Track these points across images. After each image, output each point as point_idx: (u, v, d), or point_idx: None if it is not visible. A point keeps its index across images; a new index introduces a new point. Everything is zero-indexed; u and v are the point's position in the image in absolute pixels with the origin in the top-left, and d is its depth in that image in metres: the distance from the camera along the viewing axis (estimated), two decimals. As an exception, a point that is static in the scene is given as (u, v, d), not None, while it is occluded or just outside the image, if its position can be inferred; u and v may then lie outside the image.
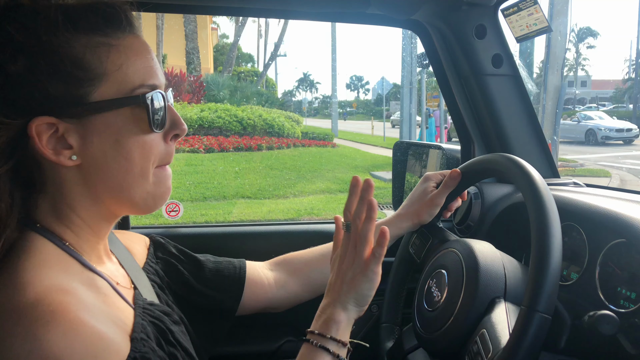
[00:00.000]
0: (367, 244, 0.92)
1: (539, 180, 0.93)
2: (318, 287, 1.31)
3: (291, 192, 10.27)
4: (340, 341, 0.90)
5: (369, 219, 0.93)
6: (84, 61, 0.78)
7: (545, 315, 0.79)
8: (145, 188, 0.86)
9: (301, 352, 0.91)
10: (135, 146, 0.83)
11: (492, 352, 0.85)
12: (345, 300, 0.92)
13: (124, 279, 0.95)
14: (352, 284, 0.92)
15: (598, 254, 1.04)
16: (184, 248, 1.24)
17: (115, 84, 0.80)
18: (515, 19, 1.41)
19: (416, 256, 1.29)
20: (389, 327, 1.33)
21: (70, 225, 0.84)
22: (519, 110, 1.58)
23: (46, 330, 0.65)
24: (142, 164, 0.84)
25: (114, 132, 0.81)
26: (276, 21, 57.46)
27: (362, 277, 0.92)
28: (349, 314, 0.92)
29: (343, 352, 0.91)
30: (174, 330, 0.90)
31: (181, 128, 0.90)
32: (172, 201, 1.78)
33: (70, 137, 0.80)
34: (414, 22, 1.62)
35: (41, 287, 0.70)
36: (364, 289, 0.92)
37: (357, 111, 71.29)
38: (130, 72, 0.82)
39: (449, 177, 1.24)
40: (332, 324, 0.91)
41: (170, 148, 0.90)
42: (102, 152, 0.81)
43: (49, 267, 0.75)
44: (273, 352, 1.67)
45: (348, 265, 0.94)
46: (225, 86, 22.38)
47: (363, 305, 0.94)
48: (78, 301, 0.71)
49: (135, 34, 0.85)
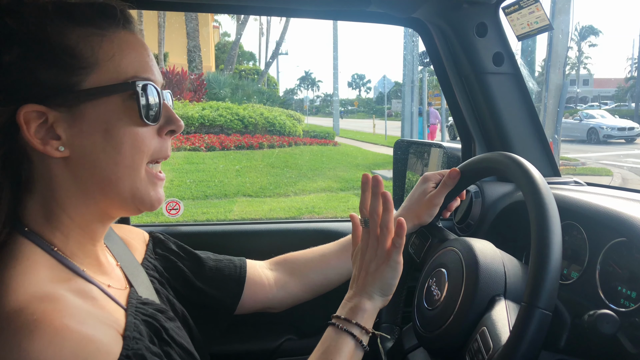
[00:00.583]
0: (389, 234, 0.98)
1: (539, 178, 0.92)
2: (318, 288, 1.31)
3: (292, 190, 10.27)
4: (365, 328, 0.96)
5: (387, 210, 0.98)
6: (76, 50, 0.78)
7: (546, 311, 0.79)
8: (135, 183, 0.84)
9: (326, 334, 0.97)
10: (126, 137, 0.82)
11: (493, 350, 0.85)
12: (371, 290, 0.98)
13: (119, 280, 0.94)
14: (376, 274, 0.98)
15: (598, 253, 1.03)
16: (185, 245, 1.24)
17: (107, 73, 0.80)
18: (516, 17, 1.41)
19: (416, 256, 1.29)
20: (389, 327, 1.33)
21: (60, 227, 0.83)
22: (520, 108, 1.58)
23: (30, 339, 0.64)
24: (133, 156, 0.83)
25: (104, 122, 0.80)
26: (278, 19, 57.44)
27: (385, 267, 0.97)
28: (374, 303, 0.98)
29: (366, 339, 0.96)
30: (168, 327, 0.89)
31: (177, 124, 0.89)
32: (172, 199, 1.78)
33: (59, 127, 0.79)
34: (414, 20, 1.62)
35: (25, 295, 0.69)
36: (388, 277, 0.98)
37: (359, 109, 71.23)
38: (123, 63, 0.82)
39: (447, 176, 1.23)
40: (359, 311, 0.96)
41: (165, 144, 0.89)
42: (91, 143, 0.80)
43: (35, 274, 0.74)
44: (273, 350, 1.67)
45: (371, 257, 0.99)
46: (226, 84, 22.35)
47: (388, 295, 0.99)
48: (63, 308, 0.70)
49: (131, 31, 0.85)
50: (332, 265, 1.31)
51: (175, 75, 17.34)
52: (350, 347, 0.94)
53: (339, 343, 0.94)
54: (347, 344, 0.94)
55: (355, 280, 1.02)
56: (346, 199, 9.56)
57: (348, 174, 12.16)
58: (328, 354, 0.93)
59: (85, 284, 0.81)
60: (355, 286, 1.00)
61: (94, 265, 0.88)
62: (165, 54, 23.86)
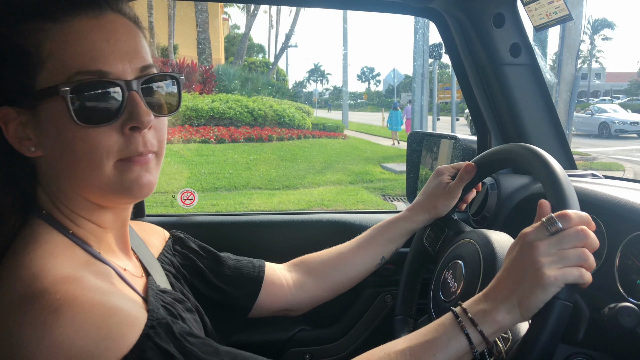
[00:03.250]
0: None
1: (559, 169, 0.91)
2: (336, 287, 1.31)
3: (301, 183, 10.28)
4: (487, 340, 0.82)
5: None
6: (25, 48, 0.77)
7: (567, 302, 0.78)
8: (102, 180, 0.80)
9: (443, 321, 0.85)
10: (76, 139, 0.77)
11: (512, 341, 0.84)
12: (517, 304, 0.80)
13: (136, 266, 0.95)
14: (536, 287, 0.78)
15: (617, 246, 1.02)
16: (206, 245, 1.24)
17: (51, 71, 0.76)
18: (534, 7, 1.38)
19: (431, 248, 1.29)
20: (403, 320, 1.33)
21: (69, 215, 0.84)
22: (537, 100, 1.56)
23: (55, 317, 0.66)
24: (89, 157, 0.78)
25: (55, 123, 0.77)
26: (287, 12, 57.29)
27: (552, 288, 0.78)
28: (511, 318, 0.81)
29: (481, 349, 0.83)
30: (185, 317, 0.89)
31: (139, 120, 0.79)
32: (187, 189, 1.79)
33: (28, 128, 0.79)
34: (431, 10, 1.60)
35: (48, 277, 0.71)
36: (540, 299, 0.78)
37: (368, 102, 70.99)
38: (67, 58, 0.76)
39: (464, 170, 1.22)
40: (489, 319, 0.81)
41: (133, 140, 0.80)
42: (52, 144, 0.79)
43: (55, 257, 0.76)
44: (287, 340, 1.67)
45: (550, 260, 0.79)
46: (236, 77, 22.37)
47: (528, 318, 0.81)
48: (86, 286, 0.71)
49: (97, 13, 0.79)
50: (349, 263, 1.30)
51: (185, 67, 17.38)
52: (460, 351, 0.82)
53: (452, 341, 0.82)
54: (459, 346, 0.82)
55: (503, 280, 0.83)
56: (355, 192, 9.55)
57: (357, 167, 12.15)
58: (433, 346, 0.83)
59: (103, 266, 0.82)
60: (505, 285, 0.82)
61: (107, 250, 0.89)
62: (175, 46, 23.89)
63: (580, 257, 0.78)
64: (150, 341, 0.71)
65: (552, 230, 0.80)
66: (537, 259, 0.78)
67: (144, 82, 0.82)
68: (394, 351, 0.84)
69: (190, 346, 0.74)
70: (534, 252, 0.79)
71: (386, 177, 11.20)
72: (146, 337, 0.71)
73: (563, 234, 0.79)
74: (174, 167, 10.38)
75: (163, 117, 0.87)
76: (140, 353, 0.69)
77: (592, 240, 0.79)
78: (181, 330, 0.76)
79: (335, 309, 1.72)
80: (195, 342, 0.76)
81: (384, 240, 1.31)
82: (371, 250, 1.31)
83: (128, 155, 0.80)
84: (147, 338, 0.71)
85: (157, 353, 0.71)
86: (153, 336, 0.72)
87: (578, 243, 0.79)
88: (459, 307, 0.85)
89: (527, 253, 0.80)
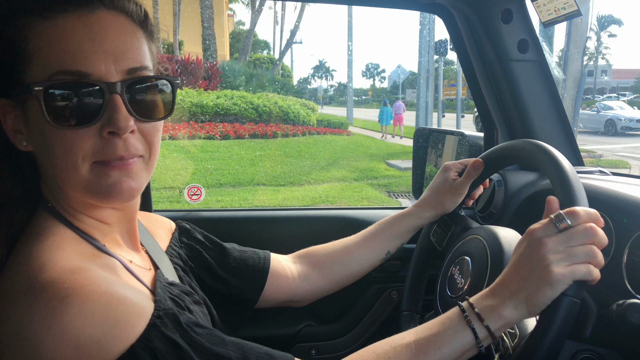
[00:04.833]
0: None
1: (567, 165, 0.91)
2: (340, 279, 1.31)
3: (306, 179, 10.29)
4: (492, 335, 0.82)
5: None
6: (16, 43, 0.77)
7: (575, 299, 0.78)
8: (80, 182, 0.78)
9: (449, 315, 0.86)
10: (54, 139, 0.76)
11: (519, 337, 0.84)
12: (523, 300, 0.80)
13: (144, 259, 0.96)
14: (543, 284, 0.78)
15: (625, 242, 1.02)
16: (211, 235, 1.24)
17: (35, 68, 0.76)
18: (542, 3, 1.38)
19: (438, 244, 1.29)
20: (409, 315, 1.33)
21: (70, 211, 0.85)
22: (544, 96, 1.55)
23: (63, 305, 0.67)
24: (65, 158, 0.77)
25: (38, 121, 0.77)
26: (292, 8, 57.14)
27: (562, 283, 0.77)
28: (518, 314, 0.81)
29: (486, 343, 0.83)
30: (193, 309, 0.90)
31: (116, 125, 0.76)
32: (193, 185, 1.79)
33: (20, 122, 0.80)
34: (438, 6, 1.59)
35: (56, 268, 0.72)
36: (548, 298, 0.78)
37: (373, 99, 70.88)
38: (50, 56, 0.75)
39: (471, 167, 1.22)
40: (495, 315, 0.81)
41: (110, 144, 0.77)
42: (37, 141, 0.79)
43: (62, 249, 0.77)
44: (293, 335, 1.68)
45: (558, 257, 0.78)
46: (241, 73, 22.37)
47: (535, 314, 0.81)
48: (93, 276, 0.72)
49: (88, 10, 0.77)
50: (353, 256, 1.30)
51: (190, 63, 17.38)
52: (466, 345, 0.82)
53: (458, 335, 0.82)
54: (465, 340, 0.82)
55: (510, 276, 0.83)
56: (360, 188, 9.55)
57: (362, 164, 12.15)
58: (439, 339, 0.83)
59: (109, 259, 0.83)
60: (513, 281, 0.82)
61: (113, 244, 0.89)
62: (181, 42, 23.91)
63: (588, 254, 0.78)
64: (157, 331, 0.72)
65: (561, 227, 0.80)
66: (545, 256, 0.78)
67: (131, 84, 0.78)
68: (399, 344, 0.84)
69: (197, 336, 0.75)
70: (542, 249, 0.79)
71: (391, 173, 11.19)
72: (153, 327, 0.72)
73: (571, 231, 0.79)
74: (179, 163, 10.41)
75: (150, 122, 0.83)
76: (147, 342, 0.70)
77: (600, 237, 0.79)
78: (188, 321, 0.76)
79: (341, 304, 1.72)
80: (201, 332, 0.76)
81: (389, 235, 1.31)
82: (377, 244, 1.31)
83: (104, 159, 0.78)
84: (153, 327, 0.72)
85: (164, 342, 0.71)
86: (160, 326, 0.72)
87: (586, 240, 0.79)
88: (466, 302, 0.85)
89: (535, 250, 0.80)
